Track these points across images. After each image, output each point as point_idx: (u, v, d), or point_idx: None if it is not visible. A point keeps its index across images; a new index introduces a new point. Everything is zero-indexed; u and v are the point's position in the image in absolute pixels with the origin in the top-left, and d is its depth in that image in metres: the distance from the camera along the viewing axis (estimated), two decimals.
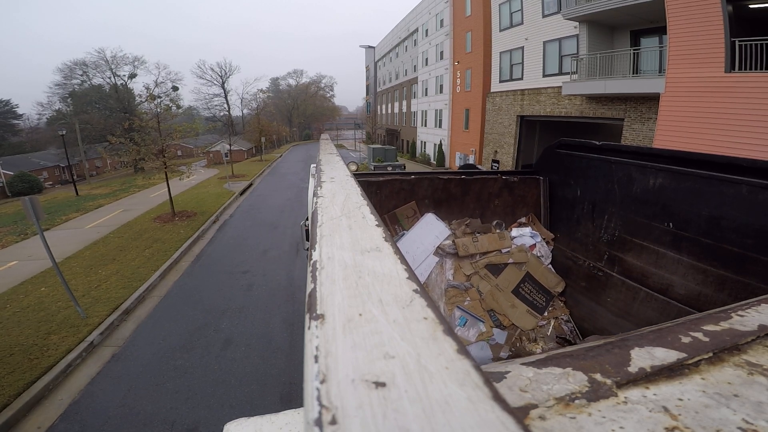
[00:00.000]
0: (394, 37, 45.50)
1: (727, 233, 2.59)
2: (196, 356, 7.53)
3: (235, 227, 15.40)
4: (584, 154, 3.92)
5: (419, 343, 0.41)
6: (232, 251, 12.90)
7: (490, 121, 20.87)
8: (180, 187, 23.93)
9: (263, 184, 25.75)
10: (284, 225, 15.27)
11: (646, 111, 12.53)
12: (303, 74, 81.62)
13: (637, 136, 12.88)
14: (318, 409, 0.32)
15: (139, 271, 11.47)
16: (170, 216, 16.42)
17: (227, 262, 12.09)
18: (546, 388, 0.68)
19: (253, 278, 10.84)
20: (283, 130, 66.83)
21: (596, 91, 13.00)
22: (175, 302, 9.94)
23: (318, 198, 1.04)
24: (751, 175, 2.45)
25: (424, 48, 34.73)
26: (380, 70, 55.20)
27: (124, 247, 13.45)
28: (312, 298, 0.52)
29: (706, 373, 0.72)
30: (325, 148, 2.38)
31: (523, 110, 17.98)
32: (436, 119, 32.45)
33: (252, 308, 9.31)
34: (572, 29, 15.06)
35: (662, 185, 3.07)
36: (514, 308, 3.83)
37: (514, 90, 18.56)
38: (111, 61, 46.34)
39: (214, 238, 14.35)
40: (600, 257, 3.74)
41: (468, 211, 4.51)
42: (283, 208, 17.99)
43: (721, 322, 0.89)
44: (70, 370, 7.17)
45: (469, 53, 26.59)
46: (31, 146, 49.97)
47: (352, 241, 0.71)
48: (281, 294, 9.91)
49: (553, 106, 15.94)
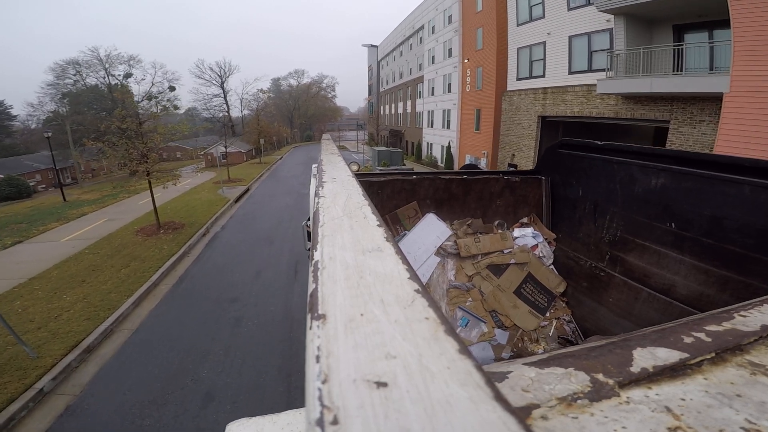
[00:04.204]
0: (398, 35, 43.88)
1: (730, 233, 2.57)
2: (168, 415, 6.01)
3: (226, 242, 13.75)
4: (586, 153, 3.88)
5: (421, 343, 0.41)
6: (221, 272, 11.26)
7: (506, 122, 19.18)
8: (171, 193, 22.30)
9: (261, 189, 24.09)
10: (281, 239, 13.60)
11: (698, 112, 10.84)
12: (304, 74, 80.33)
13: (686, 141, 11.19)
14: (320, 409, 0.32)
15: (110, 297, 9.86)
16: (155, 228, 14.79)
17: (214, 286, 10.45)
18: (548, 388, 0.67)
19: (243, 309, 9.19)
20: (284, 131, 65.25)
21: (640, 89, 11.32)
22: (147, 338, 8.32)
23: (319, 198, 1.04)
24: (754, 174, 2.42)
25: (430, 45, 33.15)
26: (383, 70, 53.60)
27: (98, 267, 11.82)
28: (313, 298, 0.51)
29: (708, 373, 0.71)
30: (326, 148, 2.34)
31: (545, 110, 16.30)
32: (443, 120, 30.82)
33: (240, 350, 7.68)
34: (604, 23, 13.49)
35: (664, 185, 3.06)
36: (516, 309, 3.82)
37: (535, 88, 16.90)
38: (105, 60, 44.86)
39: (201, 255, 12.71)
40: (602, 257, 3.72)
41: (470, 211, 4.47)
42: (280, 218, 16.32)
43: (724, 322, 0.89)
44: (13, 426, 5.78)
45: (480, 50, 24.97)
46: (26, 148, 48.42)
47: (353, 241, 0.71)
48: (276, 331, 8.25)
49: (582, 106, 14.27)
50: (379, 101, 56.12)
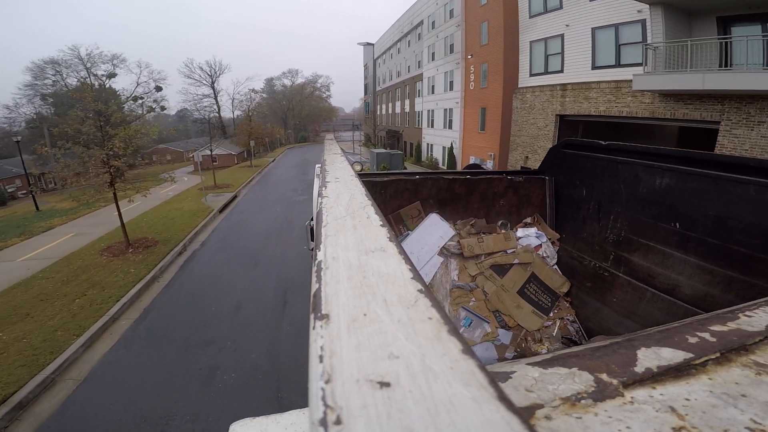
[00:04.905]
0: (396, 31, 42.13)
1: (735, 233, 2.57)
2: None
3: (204, 263, 11.90)
4: (590, 153, 3.89)
5: (424, 343, 0.41)
6: (194, 304, 9.45)
7: (518, 122, 17.49)
8: (151, 201, 20.39)
9: (249, 197, 22.18)
10: (268, 260, 11.77)
11: (756, 112, 9.21)
12: (298, 74, 78.19)
13: (741, 145, 9.55)
14: (323, 409, 0.32)
15: (56, 337, 8.05)
16: (123, 246, 12.93)
17: (184, 323, 8.64)
18: (552, 388, 0.67)
19: (219, 356, 7.40)
20: (278, 131, 63.17)
21: (689, 86, 9.66)
22: (95, 395, 6.60)
23: (323, 198, 1.03)
24: (759, 174, 2.43)
25: (430, 42, 31.45)
26: (380, 68, 51.78)
27: (49, 296, 9.95)
28: (317, 298, 0.51)
29: (713, 373, 0.71)
30: (330, 148, 2.32)
31: (565, 108, 14.63)
32: (445, 119, 29.12)
33: (213, 417, 5.94)
34: (635, 13, 11.94)
35: (669, 185, 3.06)
36: (520, 309, 3.81)
37: (552, 85, 15.23)
38: (86, 60, 42.68)
39: (174, 280, 10.88)
40: (606, 257, 3.73)
41: (473, 211, 4.47)
42: (268, 233, 14.44)
43: (729, 322, 0.88)
44: None
45: (486, 45, 23.31)
46: (8, 152, 45.95)
47: (356, 241, 0.70)
48: (260, 388, 6.51)
49: (610, 104, 12.62)
50: (376, 101, 54.31)
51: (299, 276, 10.40)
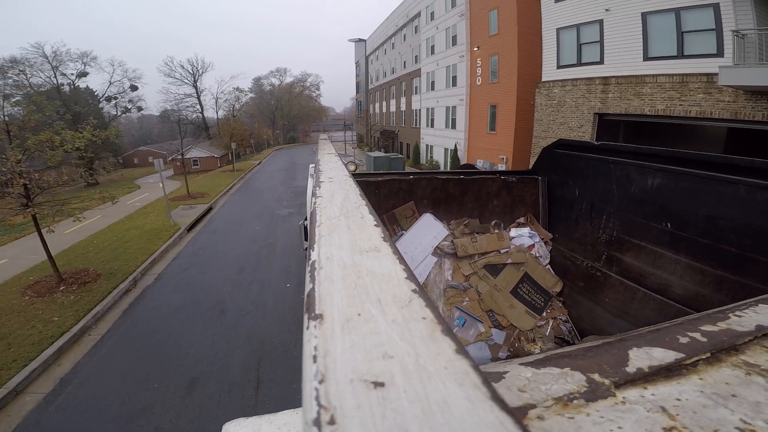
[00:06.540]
0: (390, 25, 39.38)
1: (726, 233, 2.57)
2: None
3: (154, 309, 8.99)
4: (583, 154, 3.91)
5: (418, 343, 0.41)
6: (132, 375, 6.61)
7: (543, 121, 14.88)
8: (112, 216, 17.33)
9: (226, 209, 19.15)
10: (239, 306, 8.89)
11: None
12: (287, 73, 74.63)
13: None
14: (316, 409, 0.32)
15: None
16: (55, 282, 9.98)
17: (112, 407, 5.84)
18: (544, 388, 0.67)
19: None
20: (265, 132, 59.76)
21: None
22: None
23: (317, 198, 1.02)
24: (749, 174, 2.42)
25: (428, 34, 28.84)
26: (372, 65, 48.92)
27: None
28: (310, 298, 0.50)
29: (704, 373, 0.71)
30: (323, 148, 2.31)
31: (607, 106, 12.06)
32: (447, 118, 26.53)
33: None
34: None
35: (660, 185, 3.06)
36: (513, 308, 3.80)
37: (588, 78, 12.66)
38: (52, 58, 38.94)
39: (109, 334, 8.00)
40: (598, 257, 3.73)
41: (467, 211, 4.51)
42: (242, 264, 11.47)
43: (719, 322, 0.88)
44: None
45: (495, 35, 20.79)
46: None
47: (350, 241, 0.70)
48: None
49: (671, 102, 10.09)
50: (368, 99, 51.45)
51: (279, 335, 7.60)
